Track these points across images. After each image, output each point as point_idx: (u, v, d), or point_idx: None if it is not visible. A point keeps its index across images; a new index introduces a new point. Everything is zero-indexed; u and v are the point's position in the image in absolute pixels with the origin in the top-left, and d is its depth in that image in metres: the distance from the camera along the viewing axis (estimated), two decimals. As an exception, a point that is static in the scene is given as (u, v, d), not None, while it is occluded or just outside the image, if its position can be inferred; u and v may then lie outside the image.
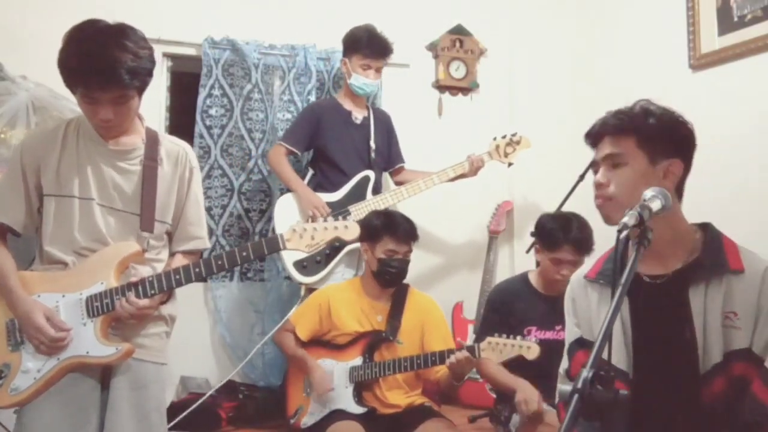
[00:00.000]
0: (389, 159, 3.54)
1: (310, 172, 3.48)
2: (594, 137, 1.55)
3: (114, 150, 1.92)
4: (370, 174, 3.33)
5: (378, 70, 3.38)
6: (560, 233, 2.52)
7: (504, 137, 3.46)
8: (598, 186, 1.51)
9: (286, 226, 3.09)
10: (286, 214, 3.22)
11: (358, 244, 3.07)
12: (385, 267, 2.70)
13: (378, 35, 3.35)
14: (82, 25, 1.81)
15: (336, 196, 3.26)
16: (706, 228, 1.55)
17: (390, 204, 3.26)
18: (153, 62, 1.86)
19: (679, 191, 1.52)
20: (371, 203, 3.23)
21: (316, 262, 3.17)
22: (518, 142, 3.47)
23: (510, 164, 3.50)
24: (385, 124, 3.53)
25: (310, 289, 3.20)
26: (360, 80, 3.33)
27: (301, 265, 3.16)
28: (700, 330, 1.43)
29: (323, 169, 3.36)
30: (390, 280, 2.73)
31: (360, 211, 3.20)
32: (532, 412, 2.28)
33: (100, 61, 1.72)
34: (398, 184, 3.50)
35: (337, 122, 3.36)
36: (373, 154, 3.40)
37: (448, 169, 3.36)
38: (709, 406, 1.41)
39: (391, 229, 2.71)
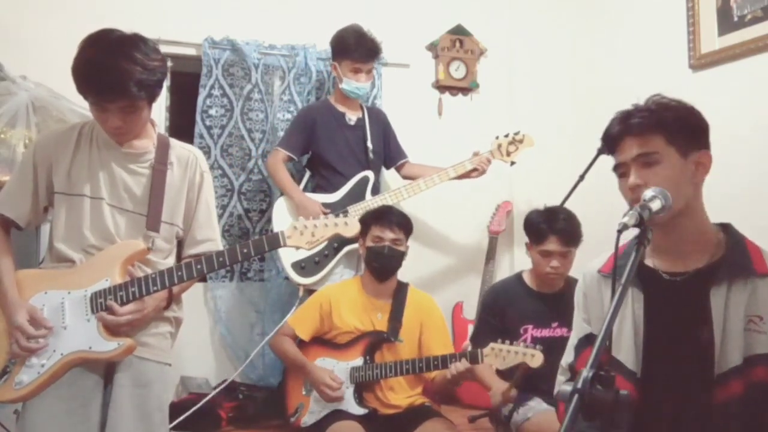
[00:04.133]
0: (390, 156, 3.53)
1: (308, 173, 3.48)
2: (614, 139, 1.50)
3: (126, 153, 1.96)
4: (369, 174, 3.33)
5: (369, 72, 3.37)
6: (545, 225, 2.57)
7: (506, 136, 3.42)
8: (635, 188, 1.44)
9: (284, 227, 3.12)
10: (284, 216, 3.22)
11: (355, 246, 3.08)
12: (372, 254, 2.70)
13: (366, 38, 3.32)
14: (96, 34, 1.85)
15: (335, 197, 3.26)
16: (727, 228, 1.53)
17: (391, 203, 3.23)
18: (164, 73, 1.91)
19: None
20: (370, 204, 3.22)
21: (315, 262, 3.16)
22: (521, 141, 3.40)
23: (512, 163, 3.45)
24: (380, 123, 3.51)
25: (309, 291, 3.19)
26: (352, 84, 3.32)
27: (300, 266, 3.16)
28: (719, 330, 1.40)
29: (322, 172, 3.36)
30: (379, 269, 2.72)
31: (359, 211, 3.19)
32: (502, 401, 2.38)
33: (110, 72, 1.77)
34: (407, 178, 3.49)
35: (331, 125, 3.35)
36: (371, 155, 3.39)
37: (449, 169, 3.34)
38: (722, 407, 1.39)
39: (377, 217, 2.74)
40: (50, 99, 2.91)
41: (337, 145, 3.34)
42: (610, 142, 1.52)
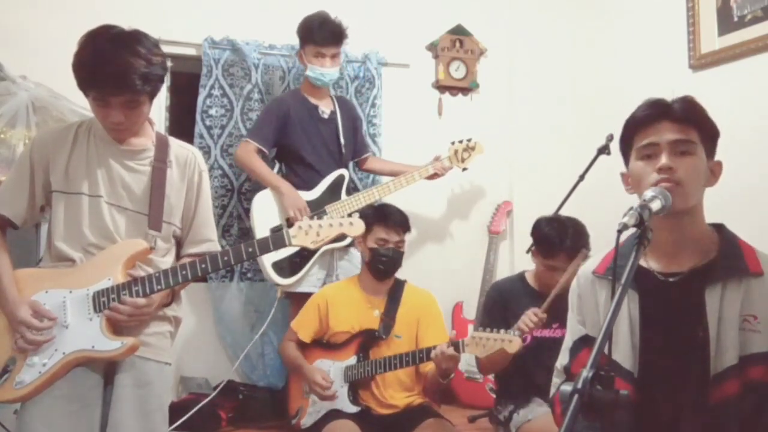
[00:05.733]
0: (356, 149, 3.47)
1: (277, 166, 3.41)
2: (648, 120, 1.49)
3: (124, 150, 1.96)
4: (345, 173, 3.29)
5: (333, 57, 3.27)
6: (555, 240, 2.51)
7: (461, 142, 3.45)
8: (667, 170, 1.43)
9: (265, 225, 3.10)
10: (265, 212, 3.16)
11: (328, 246, 3.03)
12: (377, 256, 2.71)
13: (329, 21, 3.24)
14: (97, 29, 1.85)
15: (312, 194, 3.21)
16: (720, 229, 1.54)
17: (364, 204, 3.20)
18: (165, 69, 1.91)
19: None
20: (346, 203, 3.20)
21: (294, 263, 3.11)
22: (473, 148, 3.46)
23: (464, 169, 3.47)
24: (350, 115, 3.45)
25: (287, 293, 3.17)
26: (316, 70, 3.24)
27: (279, 267, 3.10)
28: (714, 330, 1.41)
29: (294, 167, 3.29)
30: (383, 271, 2.73)
31: (336, 211, 3.16)
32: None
33: (114, 65, 1.77)
34: (367, 172, 3.49)
35: (304, 118, 3.27)
36: (344, 150, 3.34)
37: (415, 173, 3.35)
38: (717, 407, 1.39)
39: (382, 218, 2.72)
40: (50, 99, 2.91)
41: (312, 139, 3.26)
42: (640, 123, 1.50)
